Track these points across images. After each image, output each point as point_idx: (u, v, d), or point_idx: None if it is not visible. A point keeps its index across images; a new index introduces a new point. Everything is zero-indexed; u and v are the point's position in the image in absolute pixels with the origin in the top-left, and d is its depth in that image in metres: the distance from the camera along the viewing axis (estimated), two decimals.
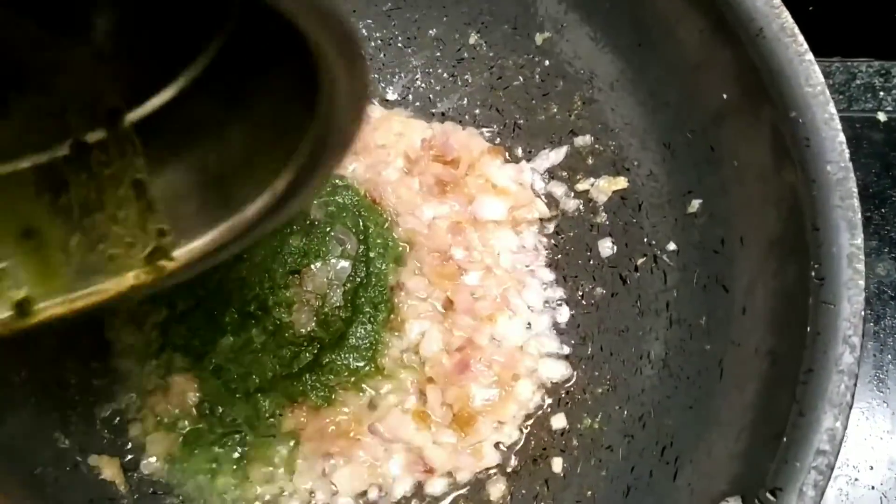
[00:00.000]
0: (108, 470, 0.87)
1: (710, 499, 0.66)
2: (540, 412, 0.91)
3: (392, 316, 0.93)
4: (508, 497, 0.87)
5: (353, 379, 0.91)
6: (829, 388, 0.61)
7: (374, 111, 1.04)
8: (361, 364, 0.91)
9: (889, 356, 0.99)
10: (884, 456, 0.95)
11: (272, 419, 0.89)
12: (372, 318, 0.92)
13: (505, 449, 0.90)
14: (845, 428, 0.60)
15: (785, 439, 0.61)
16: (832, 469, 0.59)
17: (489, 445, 0.89)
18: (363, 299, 0.92)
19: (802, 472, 0.59)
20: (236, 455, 0.89)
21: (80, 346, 0.92)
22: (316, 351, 0.91)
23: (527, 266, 0.97)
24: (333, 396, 0.90)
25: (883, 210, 1.06)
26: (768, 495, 0.60)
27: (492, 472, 0.89)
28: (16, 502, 0.79)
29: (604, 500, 0.81)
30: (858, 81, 1.13)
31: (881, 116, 1.11)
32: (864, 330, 0.97)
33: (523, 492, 0.87)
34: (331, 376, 0.91)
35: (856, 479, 0.94)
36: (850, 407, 0.61)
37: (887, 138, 1.10)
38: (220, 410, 0.90)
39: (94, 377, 0.91)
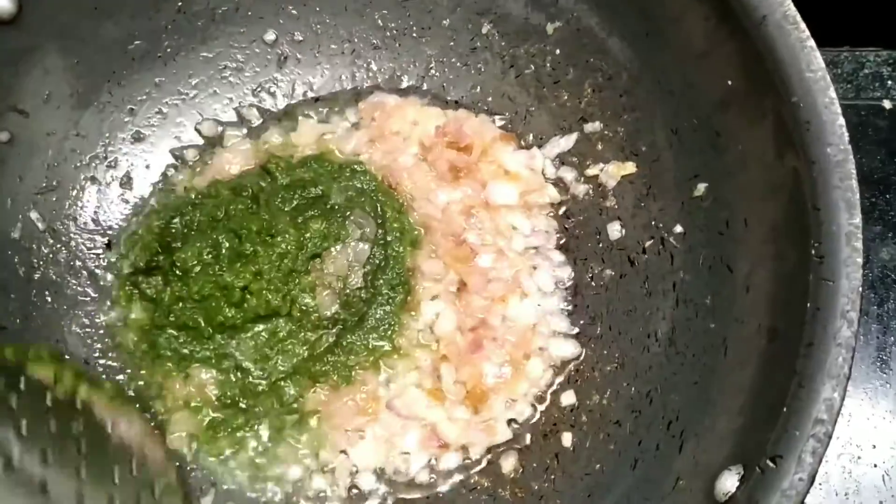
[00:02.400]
0: None
1: (714, 468, 0.68)
2: (550, 389, 0.94)
3: (409, 297, 0.96)
4: (520, 470, 0.90)
5: (371, 358, 0.94)
6: (827, 360, 0.63)
7: (389, 99, 1.06)
8: (380, 344, 0.94)
9: (892, 338, 1.01)
10: (886, 435, 0.97)
11: (295, 405, 0.92)
12: (390, 300, 0.95)
13: (517, 425, 0.93)
14: (843, 399, 0.62)
15: (785, 409, 0.63)
16: (830, 437, 0.62)
17: (501, 422, 0.92)
18: (382, 281, 0.95)
19: (802, 440, 0.61)
20: (259, 438, 0.92)
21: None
22: (337, 332, 0.94)
23: (538, 249, 0.99)
24: (353, 375, 0.93)
25: (887, 196, 1.07)
26: (769, 462, 0.62)
27: (504, 446, 0.91)
28: None
29: (612, 472, 0.84)
30: (867, 70, 1.14)
31: (886, 104, 1.11)
32: (868, 313, 1.00)
33: (534, 465, 0.90)
34: (351, 356, 0.93)
35: (859, 458, 0.96)
36: (848, 378, 0.63)
37: (892, 125, 1.10)
38: (242, 403, 0.92)
39: (116, 360, 0.95)
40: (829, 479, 0.95)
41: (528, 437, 0.92)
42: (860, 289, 0.64)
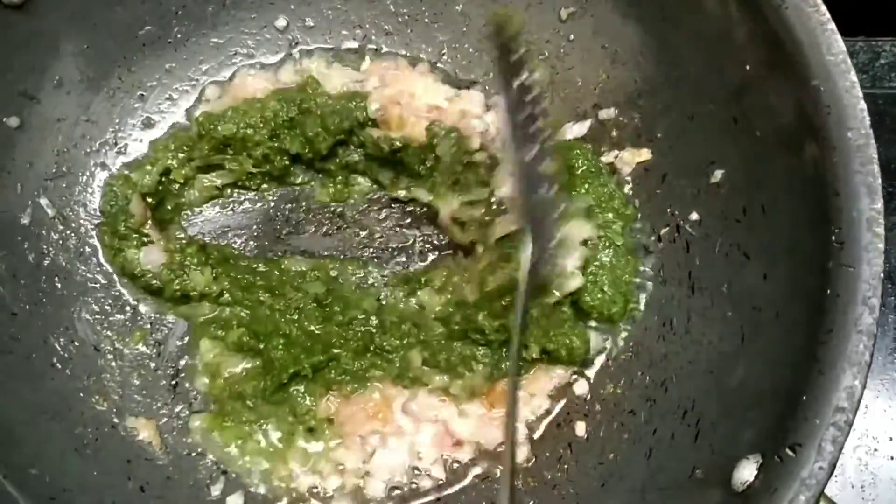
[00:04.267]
0: (145, 432, 0.90)
1: (732, 457, 0.67)
2: (564, 380, 0.92)
3: None
4: (532, 460, 0.89)
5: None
6: (848, 347, 0.62)
7: (401, 60, 1.05)
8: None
9: None
10: None
11: (308, 414, 0.91)
12: None
13: (533, 419, 0.91)
14: (864, 386, 0.61)
15: (805, 397, 0.63)
16: (850, 425, 0.61)
17: None
18: None
19: (822, 428, 0.61)
20: (267, 436, 0.91)
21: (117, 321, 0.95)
22: None
23: None
24: (368, 386, 0.92)
25: None
26: (788, 451, 0.62)
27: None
28: None
29: (626, 461, 0.83)
30: (883, 60, 1.13)
31: None
32: (886, 303, 0.99)
33: (547, 454, 0.89)
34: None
35: (875, 450, 0.95)
36: (869, 366, 0.62)
37: None
38: (252, 403, 0.91)
39: (126, 347, 0.94)
40: (845, 471, 0.94)
41: (541, 426, 0.91)
42: (881, 275, 0.63)
